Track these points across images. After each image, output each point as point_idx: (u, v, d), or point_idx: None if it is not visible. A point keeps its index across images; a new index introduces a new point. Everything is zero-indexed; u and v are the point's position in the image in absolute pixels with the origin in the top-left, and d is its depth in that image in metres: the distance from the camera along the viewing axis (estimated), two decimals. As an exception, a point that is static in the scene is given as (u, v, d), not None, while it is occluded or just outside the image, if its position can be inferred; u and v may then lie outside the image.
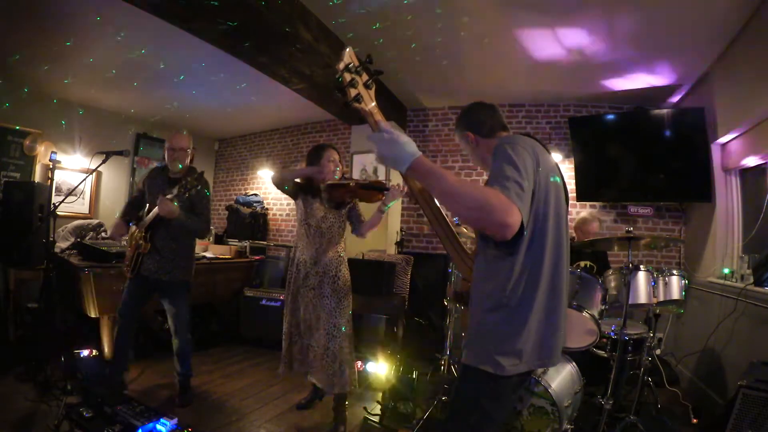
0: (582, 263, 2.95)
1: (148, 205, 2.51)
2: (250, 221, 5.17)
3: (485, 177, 1.23)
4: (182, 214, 2.42)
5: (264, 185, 5.69)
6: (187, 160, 2.61)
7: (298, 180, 2.39)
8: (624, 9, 2.54)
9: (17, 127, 4.16)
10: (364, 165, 4.52)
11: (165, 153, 2.60)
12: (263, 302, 3.96)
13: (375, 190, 2.25)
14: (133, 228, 2.59)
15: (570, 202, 1.61)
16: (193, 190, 2.39)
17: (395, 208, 4.54)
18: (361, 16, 2.80)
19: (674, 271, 2.37)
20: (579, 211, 3.87)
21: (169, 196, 2.36)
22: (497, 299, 1.15)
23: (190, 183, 2.36)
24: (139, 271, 2.47)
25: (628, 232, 2.13)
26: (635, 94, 3.75)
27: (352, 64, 1.12)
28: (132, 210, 2.64)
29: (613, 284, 2.37)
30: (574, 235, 3.24)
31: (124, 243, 3.35)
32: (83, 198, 4.70)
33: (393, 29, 2.94)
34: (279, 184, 2.37)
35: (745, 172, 3.07)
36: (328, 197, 2.36)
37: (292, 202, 5.49)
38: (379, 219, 2.39)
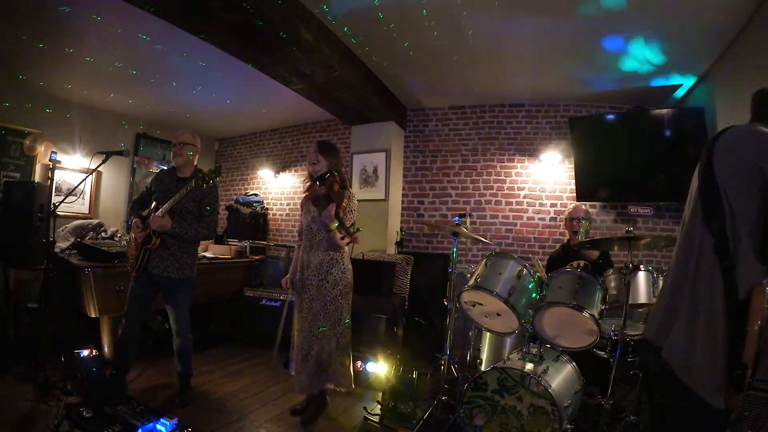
0: (578, 263, 2.93)
1: (154, 202, 2.51)
2: (250, 221, 5.18)
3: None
4: (177, 227, 2.43)
5: (264, 185, 5.69)
6: (191, 156, 2.61)
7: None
8: (624, 9, 2.55)
9: (17, 128, 4.16)
10: (364, 165, 4.52)
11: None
12: (263, 302, 3.96)
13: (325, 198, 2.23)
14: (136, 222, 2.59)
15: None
16: (206, 185, 2.40)
17: (395, 208, 4.54)
18: (362, 17, 2.81)
19: (674, 271, 2.36)
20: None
21: (162, 210, 2.39)
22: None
23: (207, 176, 2.38)
24: (146, 269, 2.46)
25: (628, 232, 2.12)
26: (635, 94, 3.75)
27: None
28: (140, 208, 2.64)
29: (613, 284, 2.37)
30: (568, 234, 3.21)
31: (124, 243, 3.36)
32: (83, 198, 4.70)
33: (393, 29, 2.94)
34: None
35: (745, 172, 3.06)
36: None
37: (292, 202, 5.54)
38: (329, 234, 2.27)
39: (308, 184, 2.47)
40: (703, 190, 1.18)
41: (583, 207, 3.21)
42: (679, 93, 3.64)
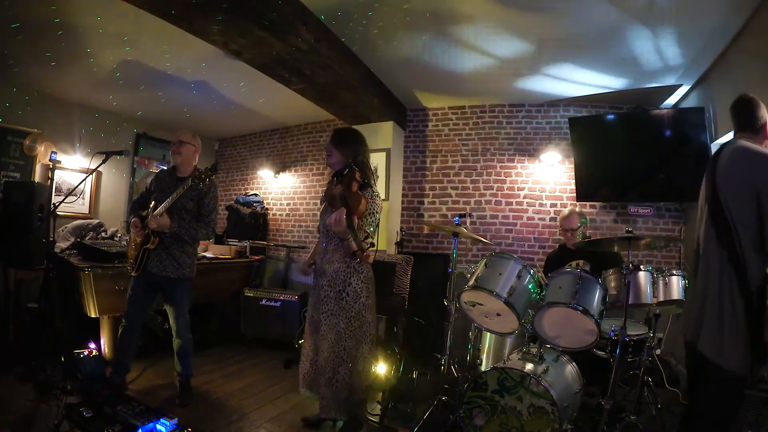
0: (576, 262, 2.93)
1: (153, 202, 2.51)
2: (250, 221, 5.17)
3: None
4: (176, 226, 2.43)
5: (264, 185, 5.69)
6: (190, 155, 2.61)
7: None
8: (625, 8, 2.54)
9: (17, 128, 4.16)
10: (364, 165, 4.51)
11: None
12: (263, 302, 3.96)
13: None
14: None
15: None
16: (202, 183, 2.40)
17: (395, 208, 4.54)
18: (361, 17, 2.81)
19: (674, 271, 2.36)
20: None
21: (161, 208, 2.38)
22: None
23: (204, 174, 2.39)
24: (146, 269, 2.47)
25: (628, 232, 2.13)
26: (635, 94, 3.74)
27: None
28: (140, 208, 2.63)
29: (613, 284, 2.37)
30: (562, 238, 3.19)
31: (124, 243, 3.36)
32: (83, 198, 4.70)
33: (393, 29, 2.94)
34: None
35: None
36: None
37: (292, 202, 5.53)
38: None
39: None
40: (713, 213, 1.49)
41: (576, 213, 3.10)
42: (680, 93, 3.64)
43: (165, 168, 2.85)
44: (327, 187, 2.22)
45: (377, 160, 4.42)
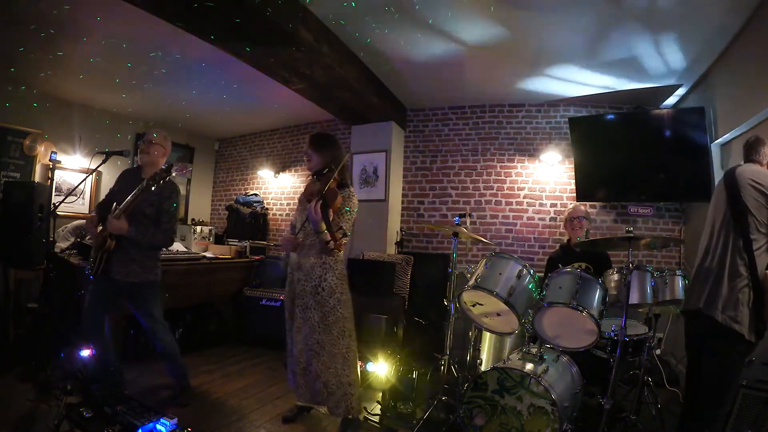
0: (578, 264, 2.92)
1: (115, 203, 2.33)
2: (250, 221, 5.18)
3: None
4: (133, 231, 2.27)
5: (264, 185, 5.69)
6: (156, 155, 2.47)
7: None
8: (625, 9, 2.54)
9: (17, 128, 4.16)
10: (364, 165, 4.52)
11: None
12: (263, 302, 3.96)
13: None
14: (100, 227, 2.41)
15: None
16: (156, 185, 2.22)
17: (395, 208, 4.54)
18: (362, 17, 2.81)
19: (674, 271, 2.36)
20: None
21: (118, 211, 2.24)
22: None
23: (158, 175, 2.21)
24: (106, 273, 2.31)
25: (628, 232, 2.12)
26: (635, 94, 3.75)
27: None
28: (103, 210, 2.43)
29: (613, 284, 2.37)
30: (567, 235, 3.20)
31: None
32: (83, 198, 4.70)
33: (393, 29, 2.94)
34: None
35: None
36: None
37: (292, 202, 5.53)
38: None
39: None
40: (733, 208, 1.79)
41: (582, 207, 3.22)
42: (679, 93, 3.64)
43: (130, 168, 2.69)
44: (306, 185, 2.33)
45: (377, 160, 4.42)
